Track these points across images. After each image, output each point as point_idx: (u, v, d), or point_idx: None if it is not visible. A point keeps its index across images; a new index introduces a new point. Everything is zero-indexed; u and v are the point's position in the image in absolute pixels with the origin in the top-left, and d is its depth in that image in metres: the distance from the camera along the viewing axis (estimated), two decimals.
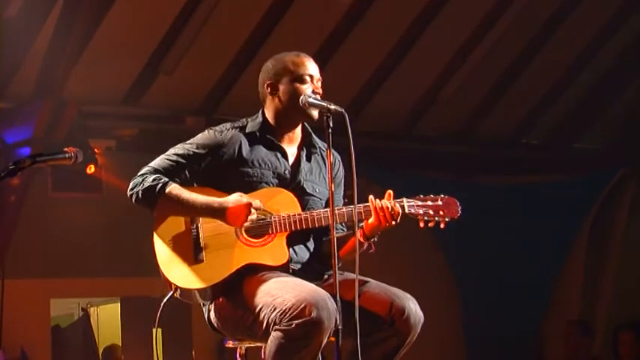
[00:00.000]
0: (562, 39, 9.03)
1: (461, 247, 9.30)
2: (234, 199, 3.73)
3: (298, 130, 3.99)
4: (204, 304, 3.92)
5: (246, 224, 3.76)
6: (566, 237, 10.00)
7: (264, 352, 3.67)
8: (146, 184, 3.78)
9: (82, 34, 7.33)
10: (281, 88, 3.91)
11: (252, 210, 3.71)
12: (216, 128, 3.94)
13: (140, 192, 3.79)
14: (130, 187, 3.84)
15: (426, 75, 9.01)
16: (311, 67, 3.91)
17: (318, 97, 3.82)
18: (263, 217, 3.80)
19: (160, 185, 3.77)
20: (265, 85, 3.95)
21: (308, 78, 3.88)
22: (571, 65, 9.44)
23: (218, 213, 3.74)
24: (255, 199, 3.74)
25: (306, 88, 3.86)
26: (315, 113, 3.83)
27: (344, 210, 3.77)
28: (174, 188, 3.78)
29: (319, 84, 3.91)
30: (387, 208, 3.73)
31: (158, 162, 3.87)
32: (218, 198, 3.76)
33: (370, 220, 3.77)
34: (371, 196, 3.76)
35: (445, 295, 9.59)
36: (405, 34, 8.48)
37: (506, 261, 9.41)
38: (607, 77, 9.67)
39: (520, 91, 9.40)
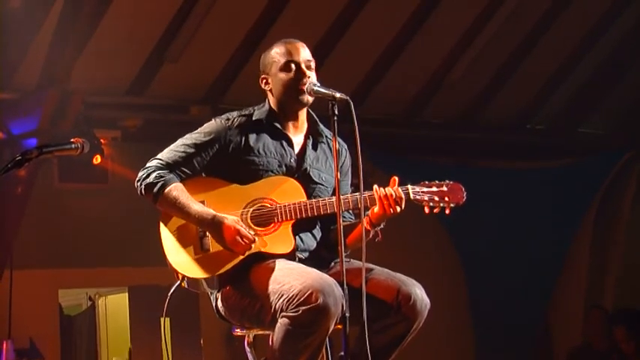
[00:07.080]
0: (566, 23, 9.00)
1: (467, 233, 9.29)
2: (231, 220, 3.72)
3: (303, 118, 3.99)
4: (211, 293, 3.93)
5: (252, 214, 3.77)
6: (572, 221, 10.00)
7: (272, 340, 3.67)
8: (148, 181, 3.81)
9: (87, 24, 7.32)
10: (271, 80, 3.94)
11: (239, 237, 3.69)
12: (223, 117, 3.95)
13: (143, 187, 3.83)
14: (136, 178, 3.86)
15: (430, 60, 9.00)
16: (294, 53, 3.90)
17: (317, 85, 3.81)
18: (269, 205, 3.81)
19: (159, 184, 3.78)
20: (260, 80, 3.99)
21: (293, 65, 3.87)
22: (575, 49, 9.42)
23: (208, 225, 3.75)
24: (250, 231, 3.73)
25: (293, 76, 3.85)
26: (309, 99, 3.85)
27: (349, 198, 3.77)
28: (173, 189, 3.78)
29: (312, 65, 3.90)
30: (391, 195, 3.74)
31: (166, 154, 3.88)
32: (214, 211, 3.74)
33: (375, 209, 3.77)
34: (375, 186, 3.77)
35: (452, 280, 9.59)
36: (409, 20, 8.46)
37: (512, 245, 9.41)
38: (611, 61, 9.65)
39: (524, 75, 9.38)
